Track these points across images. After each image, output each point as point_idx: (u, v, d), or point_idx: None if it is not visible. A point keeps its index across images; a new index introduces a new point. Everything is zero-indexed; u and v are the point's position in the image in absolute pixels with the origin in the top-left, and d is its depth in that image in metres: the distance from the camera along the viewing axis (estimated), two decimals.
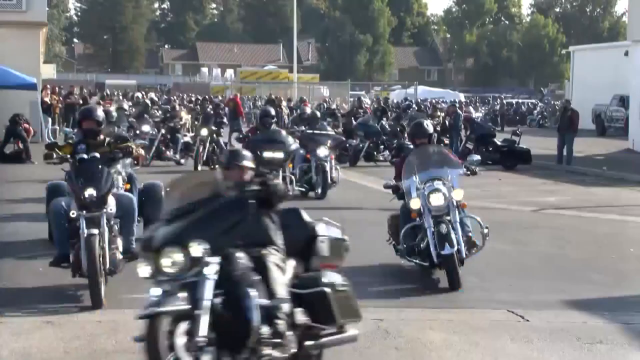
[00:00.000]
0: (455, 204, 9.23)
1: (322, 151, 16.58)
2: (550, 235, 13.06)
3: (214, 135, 21.76)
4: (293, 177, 16.02)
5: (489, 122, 32.48)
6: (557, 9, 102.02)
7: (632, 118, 30.72)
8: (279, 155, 15.07)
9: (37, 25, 28.84)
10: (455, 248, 8.94)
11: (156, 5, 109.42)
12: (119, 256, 8.49)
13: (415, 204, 9.20)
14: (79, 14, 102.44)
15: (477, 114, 35.50)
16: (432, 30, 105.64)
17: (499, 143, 24.67)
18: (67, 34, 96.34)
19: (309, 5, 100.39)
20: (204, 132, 21.58)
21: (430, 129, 10.03)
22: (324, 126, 19.53)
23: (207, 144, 21.30)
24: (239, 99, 35.90)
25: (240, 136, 17.71)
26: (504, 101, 54.85)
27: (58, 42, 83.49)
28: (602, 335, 7.48)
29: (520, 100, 58.08)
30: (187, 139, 22.80)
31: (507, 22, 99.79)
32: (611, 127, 39.28)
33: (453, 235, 8.99)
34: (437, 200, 9.15)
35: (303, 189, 16.45)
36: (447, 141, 27.61)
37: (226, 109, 32.11)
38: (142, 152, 10.82)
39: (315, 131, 17.78)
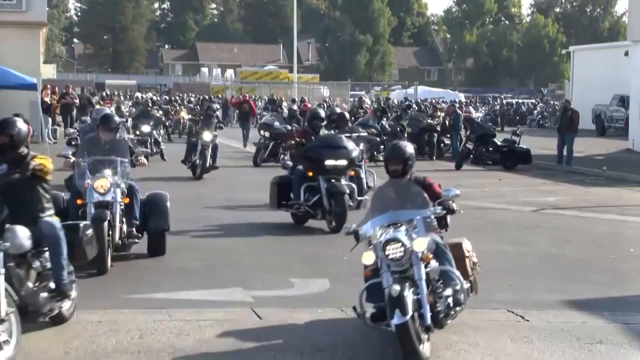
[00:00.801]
0: (419, 256, 6.79)
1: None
2: (550, 235, 13.05)
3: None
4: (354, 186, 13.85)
5: (489, 122, 32.47)
6: (557, 9, 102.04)
7: (632, 118, 30.71)
8: (342, 162, 13.18)
9: (37, 25, 28.84)
10: (409, 315, 6.47)
11: (156, 5, 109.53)
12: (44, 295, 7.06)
13: (367, 258, 6.96)
14: (79, 14, 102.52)
15: (477, 114, 35.53)
16: (432, 30, 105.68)
17: (499, 143, 24.66)
18: (67, 34, 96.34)
19: (309, 5, 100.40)
20: (207, 136, 20.14)
21: (408, 152, 7.56)
22: (356, 128, 18.30)
23: (210, 150, 20.18)
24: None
25: (292, 142, 14.89)
26: (504, 101, 54.84)
27: (58, 42, 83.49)
28: (602, 335, 7.48)
29: (520, 100, 58.06)
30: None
31: (507, 22, 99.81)
32: (611, 127, 39.28)
33: (409, 299, 6.54)
34: (393, 251, 6.80)
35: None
36: (447, 141, 27.67)
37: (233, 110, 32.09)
38: (145, 161, 11.02)
39: (346, 134, 16.04)
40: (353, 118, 28.62)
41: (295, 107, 36.55)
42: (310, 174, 12.99)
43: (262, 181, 15.12)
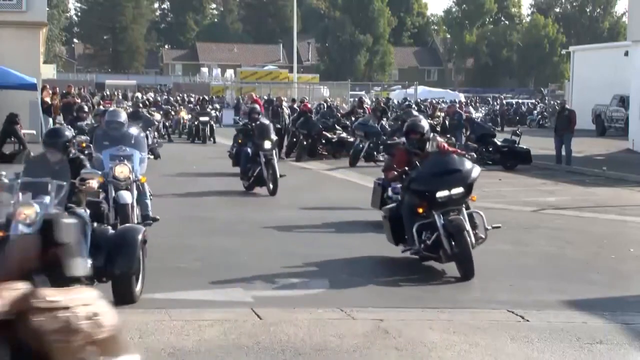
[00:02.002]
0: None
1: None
2: (550, 235, 13.06)
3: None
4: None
5: (489, 122, 32.48)
6: (557, 9, 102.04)
7: (632, 118, 30.71)
8: (458, 190, 9.98)
9: (37, 25, 28.84)
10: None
11: (156, 5, 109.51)
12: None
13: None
14: (79, 14, 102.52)
15: (477, 114, 35.53)
16: (432, 31, 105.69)
17: (499, 143, 24.66)
18: (67, 34, 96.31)
19: (309, 5, 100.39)
20: (268, 144, 17.15)
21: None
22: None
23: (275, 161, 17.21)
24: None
25: (395, 173, 10.95)
26: (504, 101, 54.84)
27: (58, 42, 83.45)
28: (602, 335, 7.48)
29: (520, 101, 58.06)
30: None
31: (507, 22, 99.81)
32: (611, 127, 39.27)
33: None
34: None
35: None
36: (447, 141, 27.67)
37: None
38: (94, 184, 8.75)
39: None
40: (353, 118, 28.65)
41: (295, 107, 36.51)
42: (421, 210, 9.98)
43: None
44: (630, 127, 31.14)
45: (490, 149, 24.39)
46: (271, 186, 16.87)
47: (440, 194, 9.72)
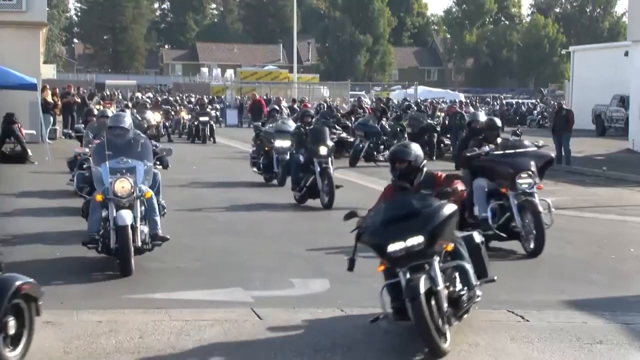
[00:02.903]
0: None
1: (525, 180, 11.09)
2: (550, 235, 12.99)
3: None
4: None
5: None
6: (557, 9, 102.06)
7: (632, 118, 30.70)
8: (415, 240, 7.28)
9: (37, 25, 28.83)
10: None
11: (156, 5, 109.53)
12: None
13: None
14: (79, 14, 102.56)
15: None
16: (432, 31, 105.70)
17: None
18: (67, 34, 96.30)
19: (309, 5, 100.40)
20: (324, 150, 15.34)
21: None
22: (520, 142, 12.24)
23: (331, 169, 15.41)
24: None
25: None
26: (504, 101, 54.83)
27: (58, 42, 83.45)
28: (602, 335, 7.48)
29: (520, 101, 58.04)
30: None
31: (507, 22, 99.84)
32: (611, 127, 39.26)
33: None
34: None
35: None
36: (447, 141, 27.64)
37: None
38: None
39: (508, 150, 11.71)
40: (353, 118, 28.66)
41: (295, 107, 36.55)
42: (381, 268, 7.51)
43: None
44: (630, 127, 31.13)
45: None
46: (326, 198, 14.93)
47: (392, 247, 6.88)
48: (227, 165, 22.73)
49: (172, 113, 36.50)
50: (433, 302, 6.69)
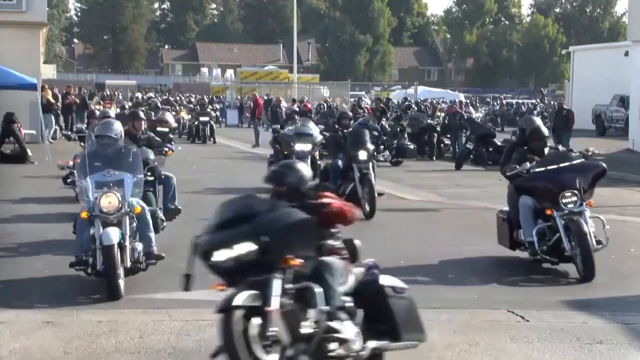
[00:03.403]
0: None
1: (570, 199, 10.09)
2: None
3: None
4: None
5: (489, 123, 32.47)
6: (557, 9, 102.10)
7: (632, 118, 30.71)
8: (221, 256, 6.16)
9: (37, 25, 28.84)
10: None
11: (156, 5, 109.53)
12: None
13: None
14: (79, 14, 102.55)
15: (477, 114, 35.52)
16: (432, 31, 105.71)
17: (499, 143, 24.65)
18: (67, 34, 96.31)
19: (309, 5, 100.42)
20: (364, 154, 14.29)
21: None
22: (566, 154, 10.86)
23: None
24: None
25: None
26: (504, 101, 54.83)
27: (58, 42, 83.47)
28: (602, 335, 7.48)
29: (520, 101, 58.05)
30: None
31: (507, 22, 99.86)
32: (611, 127, 39.27)
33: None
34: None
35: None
36: (447, 141, 27.66)
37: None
38: None
39: (550, 166, 10.26)
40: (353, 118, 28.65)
41: (295, 107, 36.50)
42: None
43: None
44: (630, 127, 31.14)
45: (490, 149, 24.38)
46: (367, 207, 13.62)
47: (217, 256, 5.77)
48: (228, 165, 22.73)
49: (172, 113, 36.47)
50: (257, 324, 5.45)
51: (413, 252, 11.28)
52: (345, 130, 15.41)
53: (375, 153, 15.28)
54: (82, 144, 15.12)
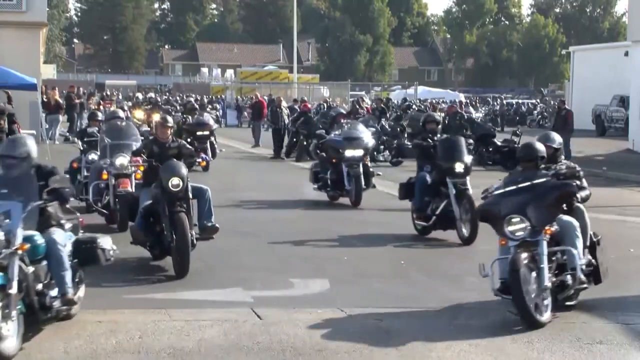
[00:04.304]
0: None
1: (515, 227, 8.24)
2: None
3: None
4: None
5: (489, 123, 32.46)
6: (557, 9, 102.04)
7: (632, 118, 30.70)
8: None
9: (37, 25, 28.84)
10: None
11: (156, 5, 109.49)
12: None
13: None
14: (79, 14, 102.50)
15: (477, 114, 35.52)
16: (432, 31, 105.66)
17: (499, 143, 24.65)
18: (67, 34, 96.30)
19: (309, 5, 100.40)
20: (460, 167, 12.26)
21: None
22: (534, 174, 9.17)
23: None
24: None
25: None
26: (504, 101, 54.82)
27: (58, 42, 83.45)
28: (602, 335, 7.48)
29: (520, 101, 58.03)
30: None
31: (507, 22, 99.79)
32: (611, 128, 39.26)
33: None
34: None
35: None
36: None
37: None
38: None
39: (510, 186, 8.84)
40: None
41: (295, 107, 36.47)
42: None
43: None
44: (630, 127, 31.14)
45: (490, 149, 24.38)
46: (465, 231, 11.64)
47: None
48: (228, 165, 22.71)
49: (172, 113, 36.44)
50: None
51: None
52: (434, 138, 12.75)
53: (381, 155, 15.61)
54: (83, 146, 15.01)
